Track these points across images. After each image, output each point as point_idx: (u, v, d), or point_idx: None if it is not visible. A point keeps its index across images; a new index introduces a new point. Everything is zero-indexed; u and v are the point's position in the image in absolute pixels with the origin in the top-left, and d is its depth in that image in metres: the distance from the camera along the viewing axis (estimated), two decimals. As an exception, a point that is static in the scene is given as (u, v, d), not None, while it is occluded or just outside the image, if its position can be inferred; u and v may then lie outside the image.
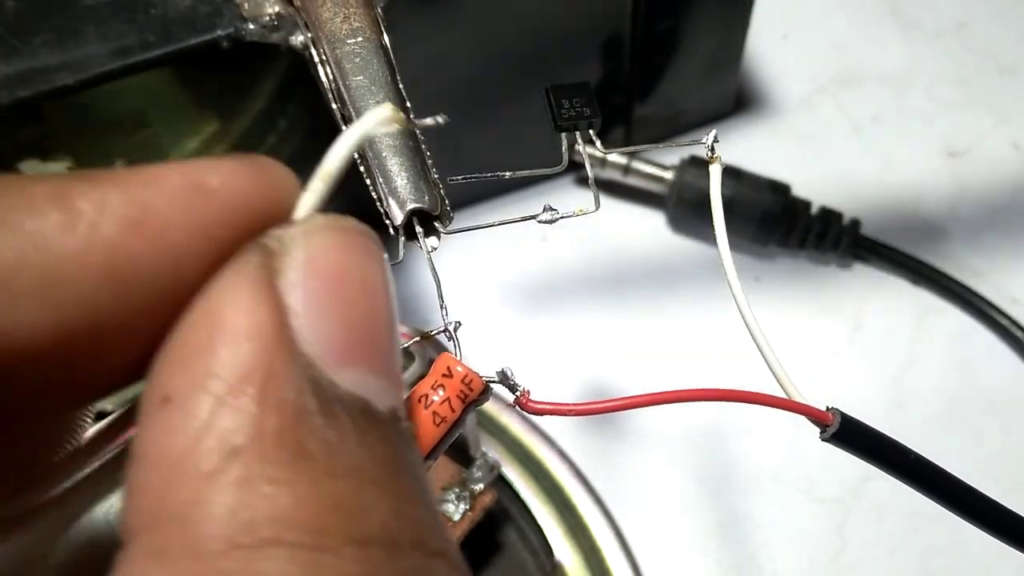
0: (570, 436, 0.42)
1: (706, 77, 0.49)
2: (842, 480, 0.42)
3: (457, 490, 0.36)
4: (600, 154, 0.47)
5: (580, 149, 0.26)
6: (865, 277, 0.48)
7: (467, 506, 0.36)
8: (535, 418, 0.40)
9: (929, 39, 0.55)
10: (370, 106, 0.28)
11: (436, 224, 0.27)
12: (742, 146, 0.51)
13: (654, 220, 0.50)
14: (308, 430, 0.14)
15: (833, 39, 0.55)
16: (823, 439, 0.22)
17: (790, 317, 0.46)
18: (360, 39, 0.30)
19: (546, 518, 0.39)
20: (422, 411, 0.19)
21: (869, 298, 0.47)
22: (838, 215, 0.47)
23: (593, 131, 0.27)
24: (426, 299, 0.43)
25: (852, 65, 0.54)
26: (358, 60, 0.29)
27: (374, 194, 0.27)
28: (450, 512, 0.36)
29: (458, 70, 0.41)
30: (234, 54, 0.33)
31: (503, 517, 0.39)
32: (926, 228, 0.49)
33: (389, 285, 0.16)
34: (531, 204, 0.46)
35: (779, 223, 0.46)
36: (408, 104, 0.29)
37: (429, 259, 0.25)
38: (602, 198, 0.38)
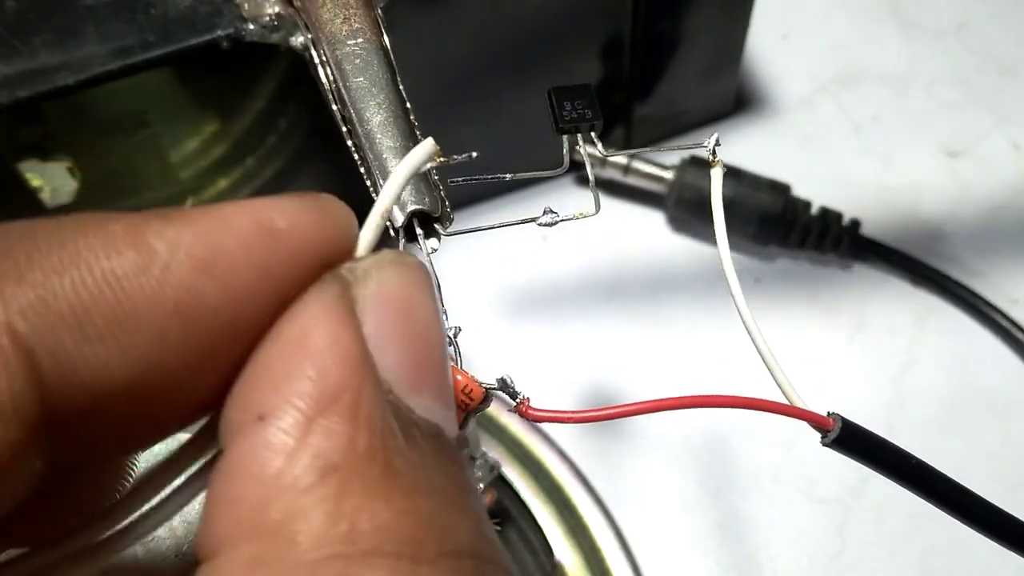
0: (570, 436, 0.42)
1: (706, 77, 0.49)
2: (842, 480, 0.42)
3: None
4: (601, 155, 0.47)
5: (581, 151, 0.26)
6: (865, 278, 0.48)
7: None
8: (535, 419, 0.40)
9: (929, 39, 0.55)
10: (371, 107, 0.28)
11: (436, 226, 0.27)
12: (742, 146, 0.51)
13: (654, 220, 0.49)
14: (395, 450, 0.14)
15: (833, 39, 0.55)
16: (824, 444, 0.22)
17: (790, 318, 0.46)
18: (360, 40, 0.30)
19: (546, 518, 0.39)
20: None
21: (869, 298, 0.47)
22: (838, 215, 0.47)
23: (594, 133, 0.27)
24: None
25: (852, 65, 0.54)
26: (358, 61, 0.29)
27: (374, 194, 0.27)
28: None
29: (458, 71, 0.41)
30: (234, 54, 0.33)
31: (503, 517, 0.39)
32: (926, 228, 0.49)
33: (441, 314, 0.17)
34: (531, 205, 0.46)
35: (779, 223, 0.46)
36: (408, 105, 0.29)
37: (429, 261, 0.25)
38: (602, 198, 0.38)
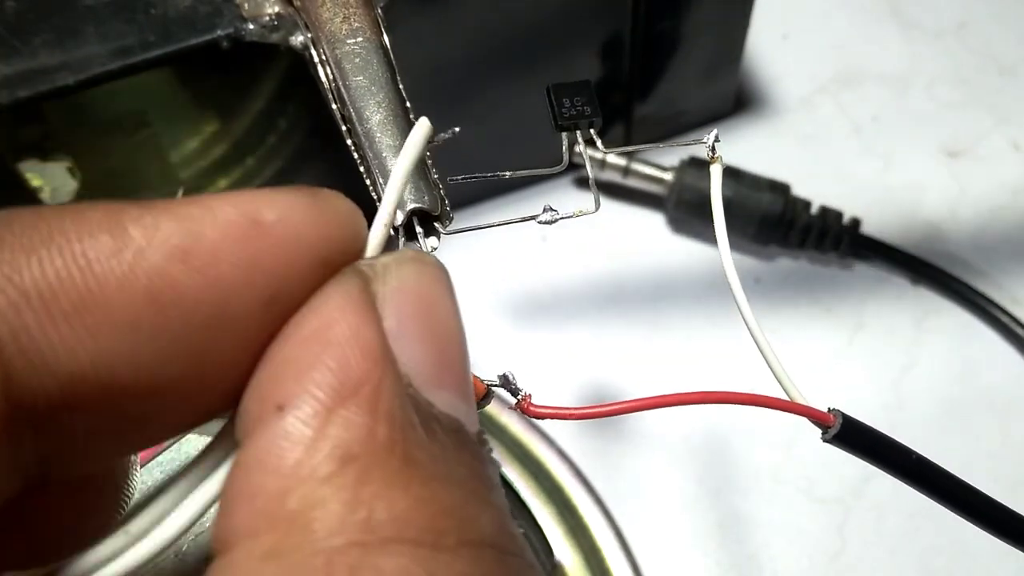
0: (570, 436, 0.42)
1: (706, 77, 0.49)
2: (842, 480, 0.42)
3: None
4: (600, 154, 0.47)
5: (580, 149, 0.26)
6: (865, 277, 0.48)
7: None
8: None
9: (929, 39, 0.55)
10: (370, 106, 0.28)
11: (436, 224, 0.27)
12: (742, 146, 0.51)
13: (654, 221, 0.49)
14: (415, 442, 0.14)
15: (833, 39, 0.55)
16: (824, 440, 0.22)
17: (790, 317, 0.46)
18: (360, 39, 0.30)
19: (546, 518, 0.39)
20: None
21: (869, 298, 0.47)
22: (838, 214, 0.47)
23: (594, 130, 0.27)
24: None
25: (852, 65, 0.54)
26: (358, 60, 0.29)
27: (374, 194, 0.27)
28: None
29: (458, 70, 0.41)
30: (234, 54, 0.33)
31: (503, 517, 0.39)
32: (926, 227, 0.49)
33: (460, 313, 0.16)
34: (531, 205, 0.46)
35: (779, 223, 0.46)
36: (408, 104, 0.29)
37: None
38: (602, 199, 0.38)
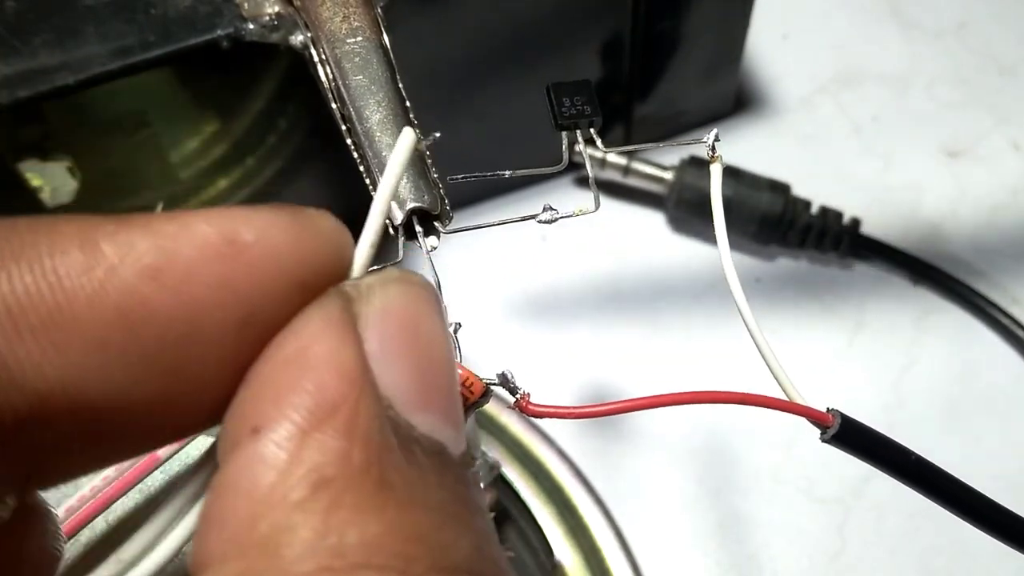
0: (570, 436, 0.42)
1: (706, 77, 0.49)
2: (842, 480, 0.42)
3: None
4: (600, 153, 0.47)
5: (580, 149, 0.26)
6: (865, 277, 0.48)
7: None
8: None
9: (929, 39, 0.55)
10: (370, 105, 0.28)
11: (436, 223, 0.27)
12: (742, 146, 0.51)
13: (654, 220, 0.49)
14: (391, 465, 0.14)
15: (833, 39, 0.55)
16: (823, 440, 0.22)
17: (790, 317, 0.46)
18: (360, 39, 0.30)
19: (546, 518, 0.39)
20: None
21: (869, 298, 0.47)
22: (838, 214, 0.47)
23: (594, 130, 0.27)
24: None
25: (852, 65, 0.54)
26: (357, 60, 0.29)
27: (374, 194, 0.27)
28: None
29: (458, 69, 0.41)
30: (234, 54, 0.33)
31: (503, 517, 0.39)
32: (926, 227, 0.49)
33: (450, 336, 0.16)
34: (531, 204, 0.46)
35: (779, 223, 0.46)
36: (408, 104, 0.29)
37: (429, 259, 0.25)
38: (602, 198, 0.38)
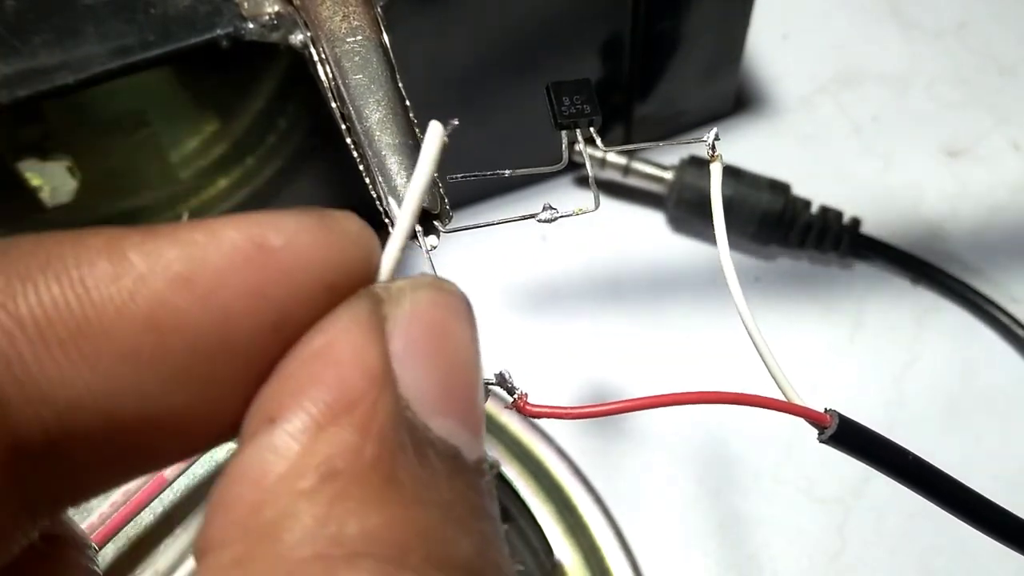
0: (570, 435, 0.42)
1: (706, 77, 0.49)
2: (842, 480, 0.42)
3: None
4: (600, 153, 0.47)
5: (580, 148, 0.26)
6: (865, 276, 0.48)
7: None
8: (535, 418, 0.40)
9: (929, 39, 0.55)
10: (370, 104, 0.28)
11: (436, 223, 0.27)
12: (742, 146, 0.51)
13: (654, 220, 0.49)
14: (402, 464, 0.14)
15: (833, 39, 0.55)
16: (821, 441, 0.22)
17: (790, 316, 0.46)
18: (359, 38, 0.30)
19: (546, 518, 0.39)
20: None
21: (869, 297, 0.47)
22: (838, 214, 0.47)
23: (593, 129, 0.27)
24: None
25: (852, 65, 0.54)
26: (357, 59, 0.29)
27: (374, 193, 0.27)
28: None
29: (457, 69, 0.41)
30: (234, 53, 0.33)
31: (503, 516, 0.39)
32: (926, 227, 0.49)
33: (479, 345, 0.16)
34: (531, 204, 0.46)
35: (779, 222, 0.46)
36: (407, 103, 0.29)
37: (428, 258, 0.25)
38: (602, 198, 0.38)
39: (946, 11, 0.56)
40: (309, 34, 0.31)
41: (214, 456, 0.29)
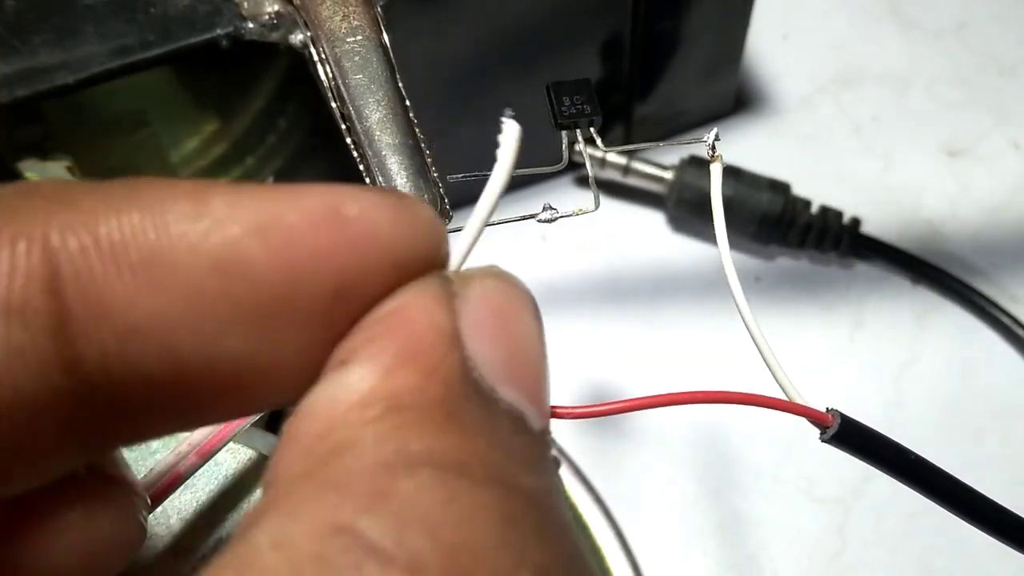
0: (570, 435, 0.42)
1: (706, 77, 0.49)
2: (842, 480, 0.42)
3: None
4: (600, 153, 0.47)
5: (580, 148, 0.26)
6: (865, 276, 0.48)
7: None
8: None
9: (929, 39, 0.55)
10: (370, 104, 0.28)
11: (436, 223, 0.27)
12: (742, 146, 0.51)
13: (654, 220, 0.49)
14: (466, 408, 0.15)
15: (833, 39, 0.55)
16: (823, 440, 0.22)
17: (790, 316, 0.46)
18: (359, 37, 0.30)
19: (546, 517, 0.39)
20: None
21: (869, 297, 0.47)
22: (838, 213, 0.47)
23: (594, 129, 0.27)
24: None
25: (852, 65, 0.54)
26: (357, 59, 0.29)
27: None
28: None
29: (457, 69, 0.41)
30: (233, 53, 0.33)
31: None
32: (926, 227, 0.49)
33: (544, 338, 0.17)
34: (531, 204, 0.45)
35: (779, 222, 0.46)
36: (407, 103, 0.29)
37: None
38: (602, 198, 0.38)
39: (946, 11, 0.56)
40: (309, 34, 0.31)
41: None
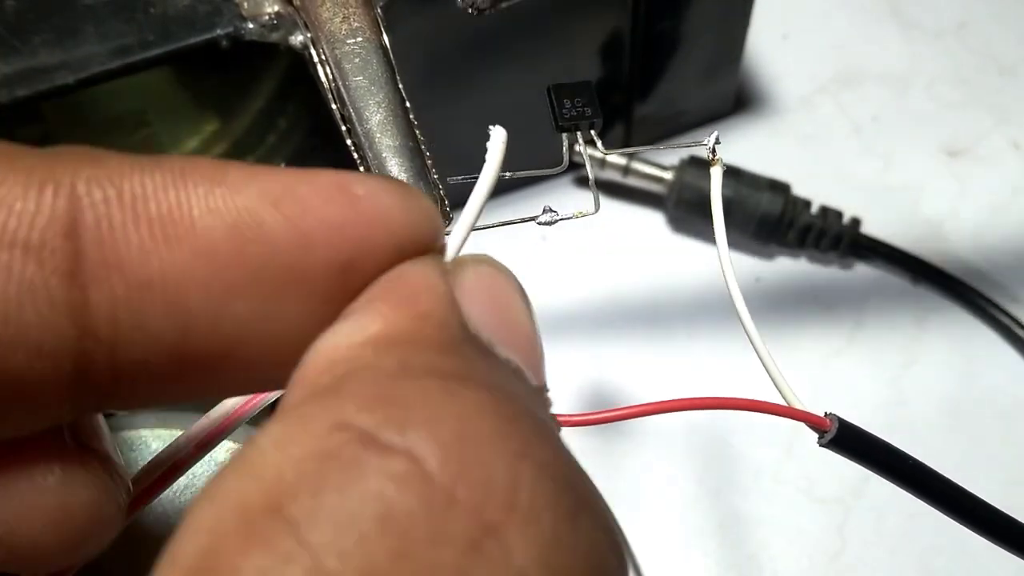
0: (569, 435, 0.41)
1: (706, 77, 0.49)
2: (842, 480, 0.42)
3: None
4: (600, 154, 0.47)
5: (580, 150, 0.26)
6: (865, 276, 0.48)
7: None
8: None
9: (929, 39, 0.55)
10: (370, 106, 0.28)
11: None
12: (742, 146, 0.51)
13: (654, 220, 0.49)
14: (465, 348, 0.15)
15: (833, 39, 0.55)
16: (821, 444, 0.22)
17: (790, 316, 0.46)
18: (360, 39, 0.30)
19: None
20: None
21: (869, 297, 0.47)
22: (838, 214, 0.47)
23: (594, 131, 0.27)
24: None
25: (852, 65, 0.54)
26: (357, 60, 0.29)
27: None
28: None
29: (457, 70, 0.41)
30: (233, 53, 0.33)
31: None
32: (926, 227, 0.49)
33: (536, 321, 0.17)
34: (531, 205, 0.46)
35: (779, 222, 0.46)
36: (408, 104, 0.29)
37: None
38: (602, 198, 0.38)
39: (946, 11, 0.56)
40: (309, 35, 0.31)
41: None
